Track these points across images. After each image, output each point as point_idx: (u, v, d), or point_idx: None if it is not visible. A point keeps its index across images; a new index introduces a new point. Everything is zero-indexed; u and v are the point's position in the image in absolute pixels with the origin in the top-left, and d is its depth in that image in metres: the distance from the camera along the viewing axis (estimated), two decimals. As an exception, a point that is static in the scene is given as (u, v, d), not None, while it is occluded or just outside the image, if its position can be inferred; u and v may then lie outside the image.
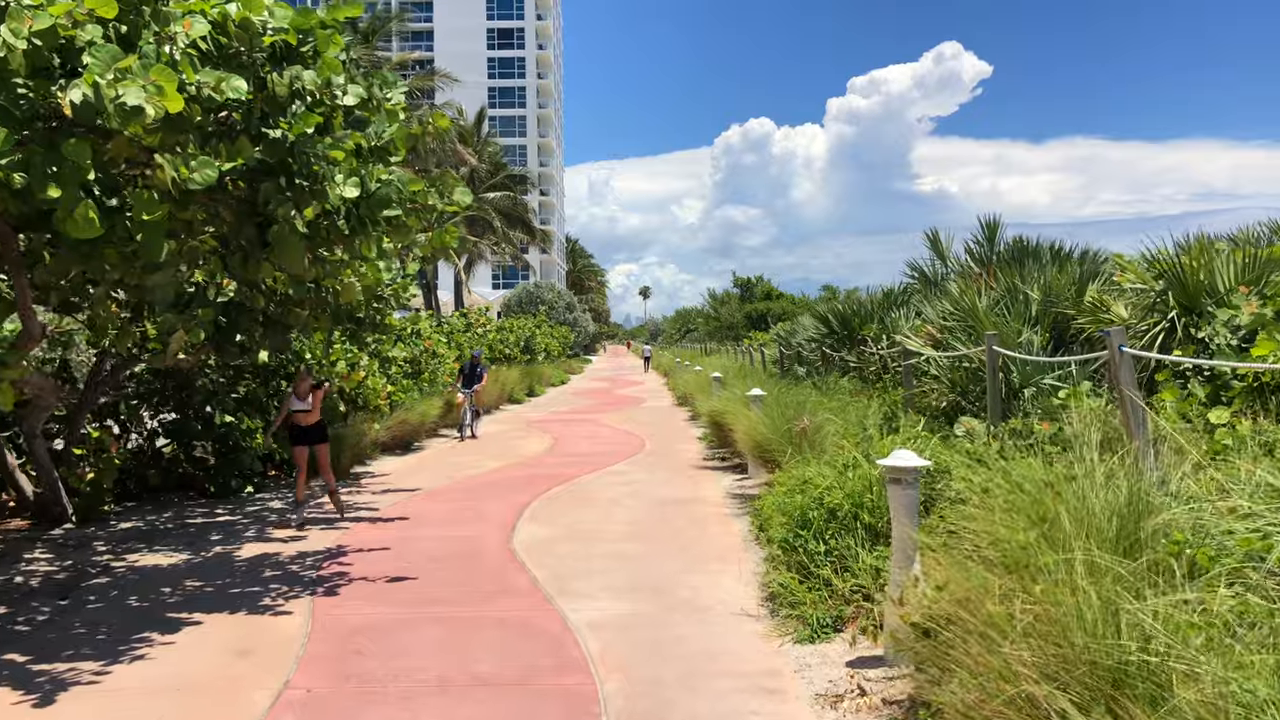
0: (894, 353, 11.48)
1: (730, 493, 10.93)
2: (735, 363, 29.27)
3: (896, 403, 9.87)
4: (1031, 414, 8.39)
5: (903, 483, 4.91)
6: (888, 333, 12.46)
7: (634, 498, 10.71)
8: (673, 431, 18.72)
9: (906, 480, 4.90)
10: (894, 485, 4.95)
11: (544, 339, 41.82)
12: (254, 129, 6.46)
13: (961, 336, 9.92)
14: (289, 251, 6.40)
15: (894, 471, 4.91)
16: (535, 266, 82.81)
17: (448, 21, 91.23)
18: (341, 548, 8.50)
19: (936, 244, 13.85)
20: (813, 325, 15.84)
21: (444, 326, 25.77)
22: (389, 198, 7.06)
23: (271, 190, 6.42)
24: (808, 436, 8.55)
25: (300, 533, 9.30)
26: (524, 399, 29.28)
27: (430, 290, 48.75)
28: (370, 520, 9.83)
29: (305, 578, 7.42)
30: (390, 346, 16.81)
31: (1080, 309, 9.31)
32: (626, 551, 7.98)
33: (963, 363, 9.76)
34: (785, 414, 9.98)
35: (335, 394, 14.35)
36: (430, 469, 14.00)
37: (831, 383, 12.99)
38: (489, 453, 15.64)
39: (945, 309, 10.49)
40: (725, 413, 12.73)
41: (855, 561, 5.87)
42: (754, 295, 67.92)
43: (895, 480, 4.93)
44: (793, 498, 6.78)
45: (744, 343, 41.67)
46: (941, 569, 3.96)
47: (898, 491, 4.93)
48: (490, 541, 8.50)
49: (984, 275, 10.48)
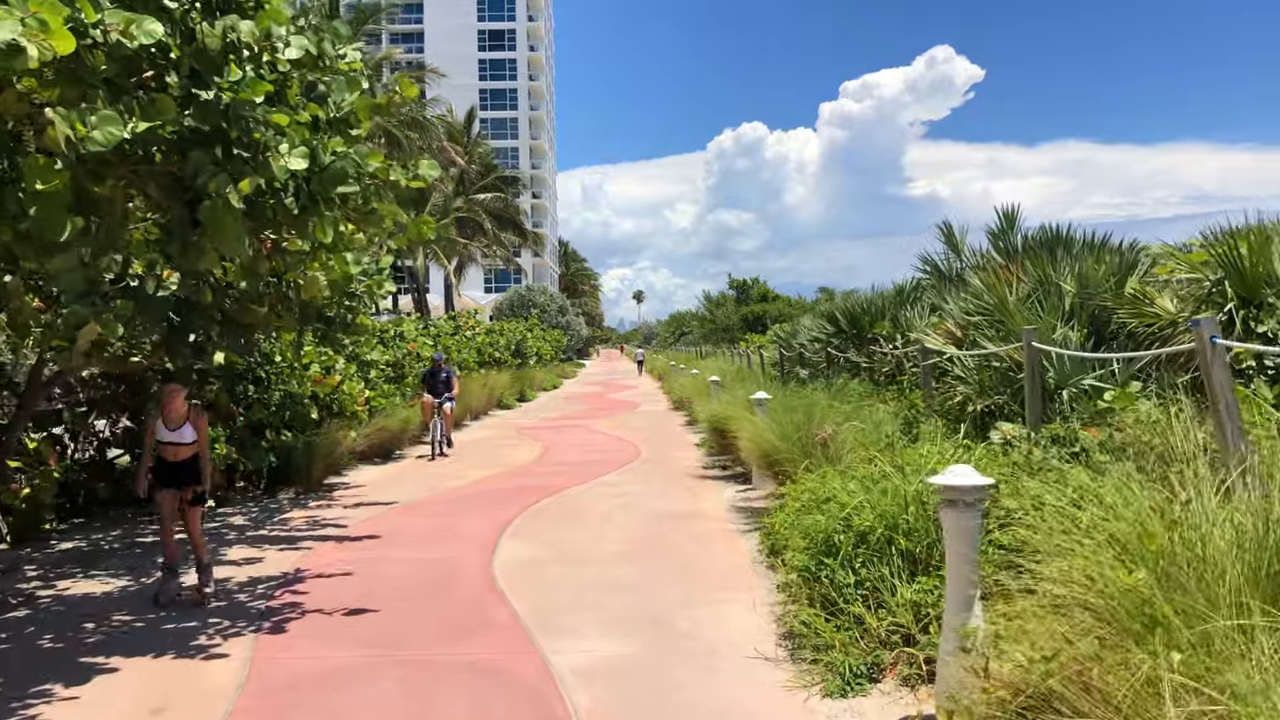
0: (912, 352, 10.58)
1: (734, 505, 10.00)
2: (732, 366, 28.37)
3: (916, 407, 8.96)
4: (1071, 418, 7.50)
5: (960, 505, 3.99)
6: (902, 331, 11.56)
7: (628, 511, 9.78)
8: (669, 437, 17.79)
9: (966, 502, 3.98)
10: (950, 509, 4.03)
11: (535, 342, 40.84)
12: (183, 88, 5.53)
13: (989, 333, 9.02)
14: (223, 232, 5.45)
15: (951, 492, 3.99)
16: (528, 270, 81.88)
17: (438, 23, 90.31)
18: (299, 572, 7.55)
19: (951, 237, 12.96)
20: (818, 325, 14.93)
21: (430, 329, 24.80)
22: (344, 172, 6.12)
23: (202, 160, 5.48)
24: (827, 447, 7.62)
25: (257, 552, 8.35)
26: (514, 404, 28.32)
27: (421, 293, 47.78)
28: (336, 539, 8.88)
29: (252, 609, 6.47)
30: (369, 349, 15.85)
31: (1121, 302, 8.42)
32: (620, 577, 7.04)
33: (990, 362, 8.86)
34: (794, 419, 9.06)
35: (309, 399, 13.40)
36: (410, 480, 13.05)
37: (840, 385, 12.08)
38: (474, 462, 14.69)
39: (969, 304, 9.59)
40: (727, 418, 11.81)
41: (891, 595, 4.95)
42: (750, 297, 66.93)
43: (951, 502, 4.01)
44: (812, 516, 5.86)
45: (740, 345, 40.77)
46: (1031, 625, 3.03)
47: (954, 517, 4.01)
48: (467, 565, 7.56)
49: (1009, 267, 9.57)
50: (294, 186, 6.11)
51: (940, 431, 8.63)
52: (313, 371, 13.60)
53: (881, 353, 11.73)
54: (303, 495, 11.87)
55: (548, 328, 52.29)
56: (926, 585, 4.86)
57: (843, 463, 8.21)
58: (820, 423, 8.72)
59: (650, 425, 20.77)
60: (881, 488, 5.63)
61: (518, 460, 14.75)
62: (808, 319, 21.25)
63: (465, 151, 46.60)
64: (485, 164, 52.30)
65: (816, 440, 7.53)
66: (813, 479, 7.35)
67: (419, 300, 46.55)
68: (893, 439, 8.44)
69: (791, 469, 8.21)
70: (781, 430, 8.71)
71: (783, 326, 24.59)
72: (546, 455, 15.31)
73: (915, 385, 10.22)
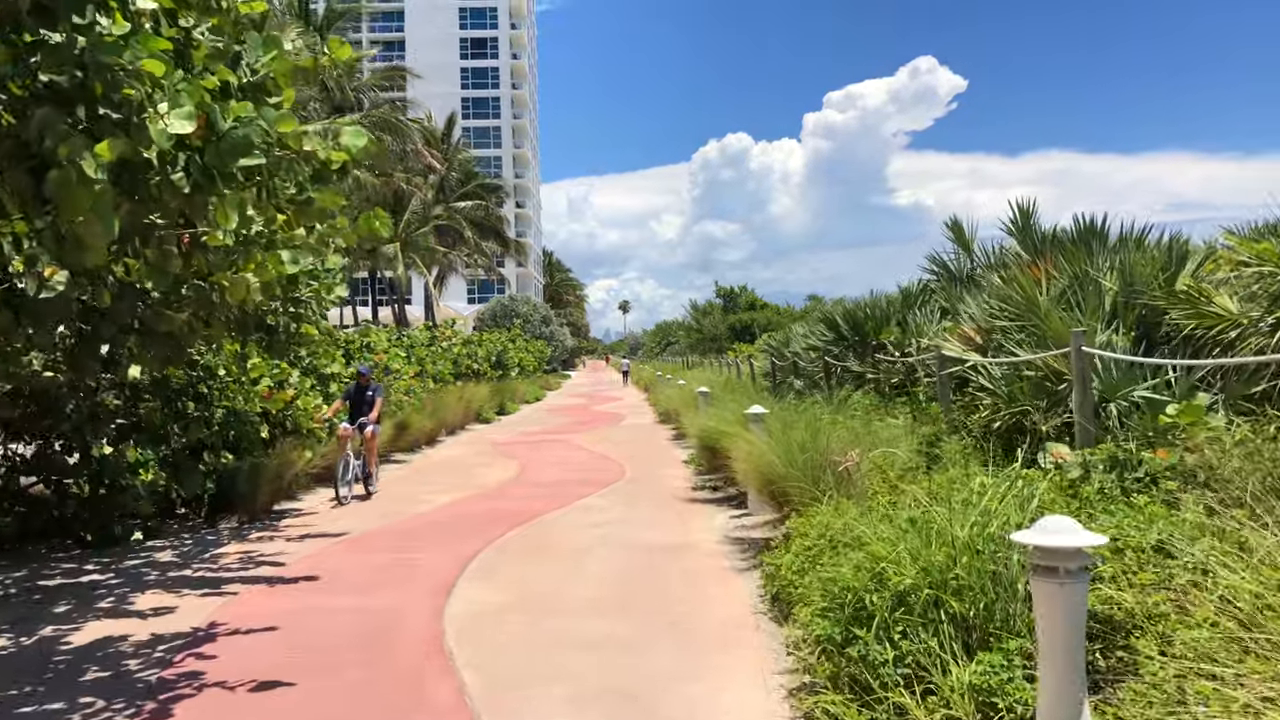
0: (927, 359, 9.45)
1: (728, 535, 8.82)
2: (720, 376, 27.22)
3: (937, 422, 7.81)
4: (1125, 436, 6.38)
5: (1061, 573, 2.83)
6: (911, 337, 10.43)
7: (609, 543, 8.58)
8: (655, 453, 16.60)
9: (1069, 569, 2.82)
10: (1046, 579, 2.87)
11: (518, 353, 39.59)
12: (30, 28, 4.34)
13: (1018, 338, 7.90)
14: (75, 207, 4.25)
15: (1048, 556, 2.83)
16: (511, 280, 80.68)
17: (419, 31, 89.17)
18: (214, 627, 6.32)
19: (960, 233, 11.86)
20: (816, 331, 13.78)
21: (403, 340, 23.55)
22: (246, 141, 4.93)
23: (49, 119, 4.28)
24: (849, 476, 6.42)
25: (172, 599, 7.11)
26: (493, 418, 27.07)
27: (401, 304, 46.49)
28: (269, 581, 7.64)
29: (140, 682, 5.24)
30: (329, 361, 14.60)
31: (1173, 301, 7.31)
32: (597, 632, 5.84)
33: (1020, 371, 7.73)
34: (796, 438, 7.87)
35: (257, 416, 12.16)
36: (370, 503, 11.82)
37: (842, 397, 10.94)
38: (442, 483, 13.47)
39: (991, 306, 8.47)
40: (719, 434, 10.65)
41: (943, 676, 3.78)
42: (737, 306, 65.73)
43: (1049, 570, 2.85)
44: (833, 567, 4.69)
45: (729, 355, 39.67)
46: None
47: (1052, 590, 2.85)
48: (414, 617, 6.34)
49: (1037, 264, 8.46)
50: (184, 158, 4.93)
51: (965, 451, 7.50)
52: (261, 386, 12.36)
53: (889, 361, 10.60)
54: (246, 524, 10.63)
55: (531, 338, 51.04)
56: (992, 664, 3.70)
57: (856, 488, 7.07)
58: (827, 441, 7.56)
59: (636, 440, 19.58)
60: (921, 530, 4.46)
61: (490, 481, 13.52)
62: (801, 326, 20.12)
63: (445, 158, 45.39)
64: (466, 171, 51.15)
65: (839, 469, 6.31)
66: (825, 512, 6.19)
67: (399, 311, 45.24)
68: (918, 464, 7.30)
69: (796, 496, 7.05)
70: (784, 451, 7.54)
71: (774, 335, 23.47)
72: (523, 475, 14.09)
73: (931, 397, 9.09)
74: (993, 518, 4.40)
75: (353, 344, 17.83)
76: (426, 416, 19.25)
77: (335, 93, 26.40)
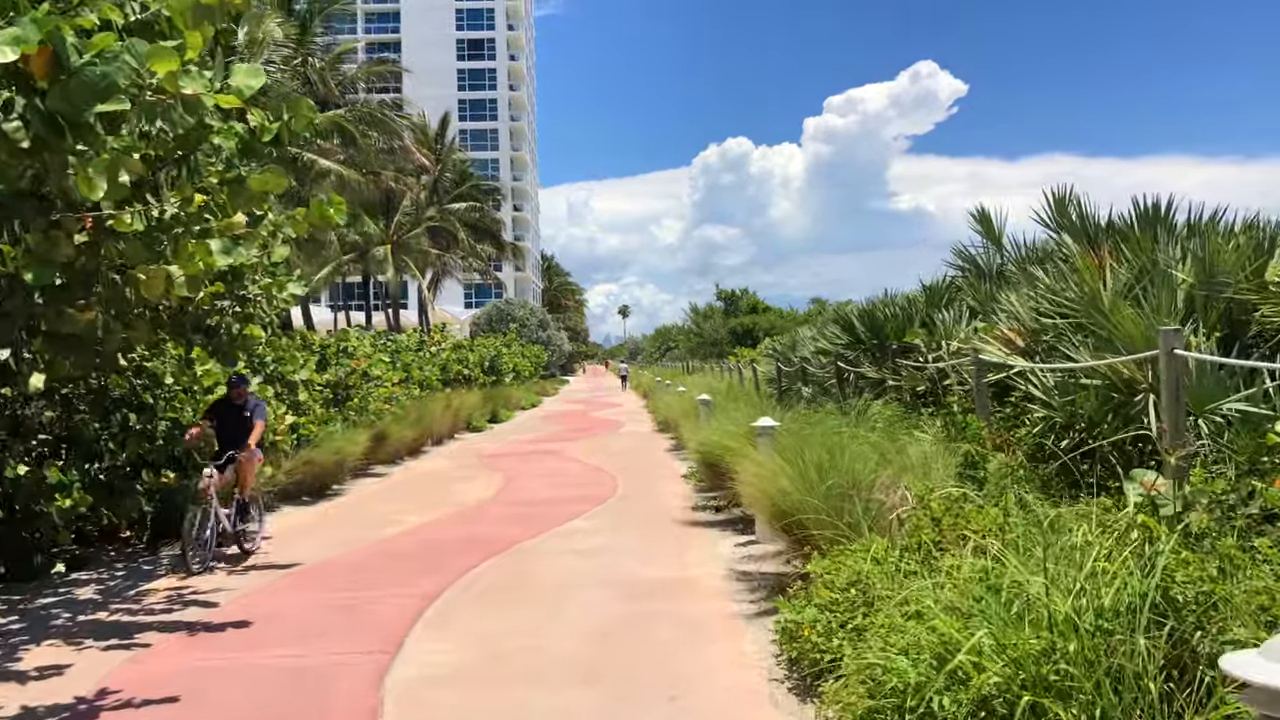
0: (963, 364, 8.27)
1: (734, 568, 7.64)
2: (722, 382, 26.05)
3: (980, 441, 6.62)
4: (1222, 458, 5.20)
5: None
6: (939, 339, 9.24)
7: (595, 581, 7.39)
8: (652, 466, 15.41)
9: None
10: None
11: (512, 358, 38.39)
12: None
13: (1075, 339, 6.71)
14: None
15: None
16: (509, 284, 79.57)
17: (415, 32, 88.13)
18: (102, 696, 5.13)
19: (988, 225, 10.68)
20: (825, 334, 12.58)
21: (388, 344, 22.37)
22: (107, 81, 3.76)
23: None
24: (900, 525, 5.15)
25: (70, 653, 5.93)
26: (485, 426, 25.89)
27: (395, 308, 45.33)
28: (191, 628, 6.46)
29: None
30: (296, 367, 13.42)
31: (1266, 295, 6.15)
32: (573, 711, 4.65)
33: (1078, 378, 6.55)
34: (812, 457, 6.66)
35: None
36: (334, 526, 10.63)
37: (859, 408, 9.76)
38: (417, 501, 12.28)
39: (1040, 302, 7.29)
40: (721, 449, 9.46)
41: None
42: (739, 309, 64.36)
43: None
44: (875, 632, 3.51)
45: (729, 360, 38.50)
46: None
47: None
48: (349, 681, 5.15)
49: (1091, 254, 7.28)
50: (21, 102, 3.76)
51: (1015, 475, 6.32)
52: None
53: (914, 366, 9.42)
54: (191, 551, 9.43)
55: (527, 343, 49.87)
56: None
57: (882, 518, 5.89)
58: (850, 463, 6.37)
59: (632, 450, 18.39)
60: (1005, 599, 3.27)
61: (470, 498, 12.33)
62: (807, 329, 18.98)
63: (438, 159, 44.25)
64: (461, 172, 50.06)
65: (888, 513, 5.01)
66: (855, 554, 5.02)
67: (394, 316, 44.05)
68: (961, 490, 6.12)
69: (817, 530, 5.86)
70: (800, 474, 6.34)
71: (779, 338, 22.31)
72: (506, 491, 12.90)
73: (967, 409, 7.91)
74: (1102, 582, 3.23)
75: (329, 348, 16.64)
76: (409, 426, 18.07)
77: (318, 86, 25.26)
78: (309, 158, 23.07)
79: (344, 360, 16.89)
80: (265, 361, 13.00)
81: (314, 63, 25.57)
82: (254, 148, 6.51)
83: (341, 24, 71.62)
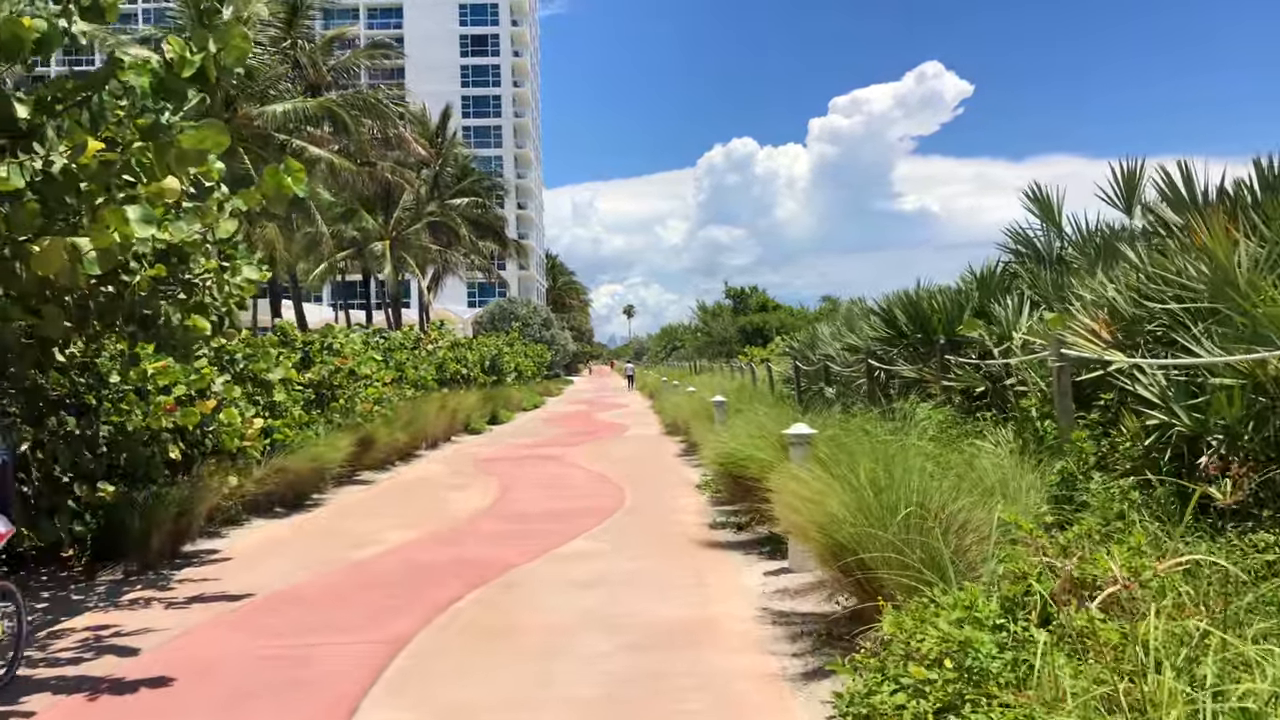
0: (1028, 362, 6.96)
1: (767, 606, 6.34)
2: (732, 382, 24.78)
3: (1080, 455, 5.32)
4: None
5: None
6: (1002, 331, 7.93)
7: (598, 622, 6.10)
8: (661, 474, 14.12)
9: None
10: None
11: (514, 358, 37.11)
12: None
13: (1198, 329, 5.41)
14: None
15: None
16: (512, 283, 78.41)
17: (418, 27, 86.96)
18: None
19: (1045, 206, 9.38)
20: (857, 329, 11.26)
21: (381, 341, 21.11)
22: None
23: None
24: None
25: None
26: (484, 428, 24.63)
27: (397, 306, 44.07)
28: (93, 686, 5.19)
29: None
30: (270, 365, 12.14)
31: None
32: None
33: (1196, 376, 5.26)
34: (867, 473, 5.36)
35: (168, 433, 9.73)
36: (306, 543, 9.38)
37: (906, 411, 8.46)
38: (401, 514, 11.02)
39: (1148, 284, 5.99)
40: (746, 460, 8.18)
41: None
42: (748, 307, 62.77)
43: None
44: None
45: (739, 359, 37.19)
46: None
47: None
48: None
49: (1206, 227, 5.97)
50: None
51: (1126, 496, 5.03)
52: (178, 392, 9.90)
53: (970, 364, 8.10)
54: (135, 575, 8.22)
55: (530, 342, 48.62)
56: None
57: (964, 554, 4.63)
58: (917, 482, 5.08)
59: (639, 456, 17.10)
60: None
61: (461, 510, 11.06)
62: (826, 326, 17.70)
63: (439, 152, 42.99)
64: (462, 167, 48.78)
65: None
66: (949, 612, 3.74)
67: (394, 315, 42.77)
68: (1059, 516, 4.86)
69: (884, 572, 4.57)
70: (855, 496, 5.04)
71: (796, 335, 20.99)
72: (501, 503, 11.62)
73: (1046, 415, 6.60)
74: None
75: (312, 345, 15.37)
76: (400, 428, 16.81)
77: (309, 70, 24.00)
78: (298, 144, 21.84)
79: (329, 358, 15.63)
80: (235, 358, 11.76)
81: (303, 45, 24.31)
82: (171, 85, 5.25)
83: (343, 19, 70.54)
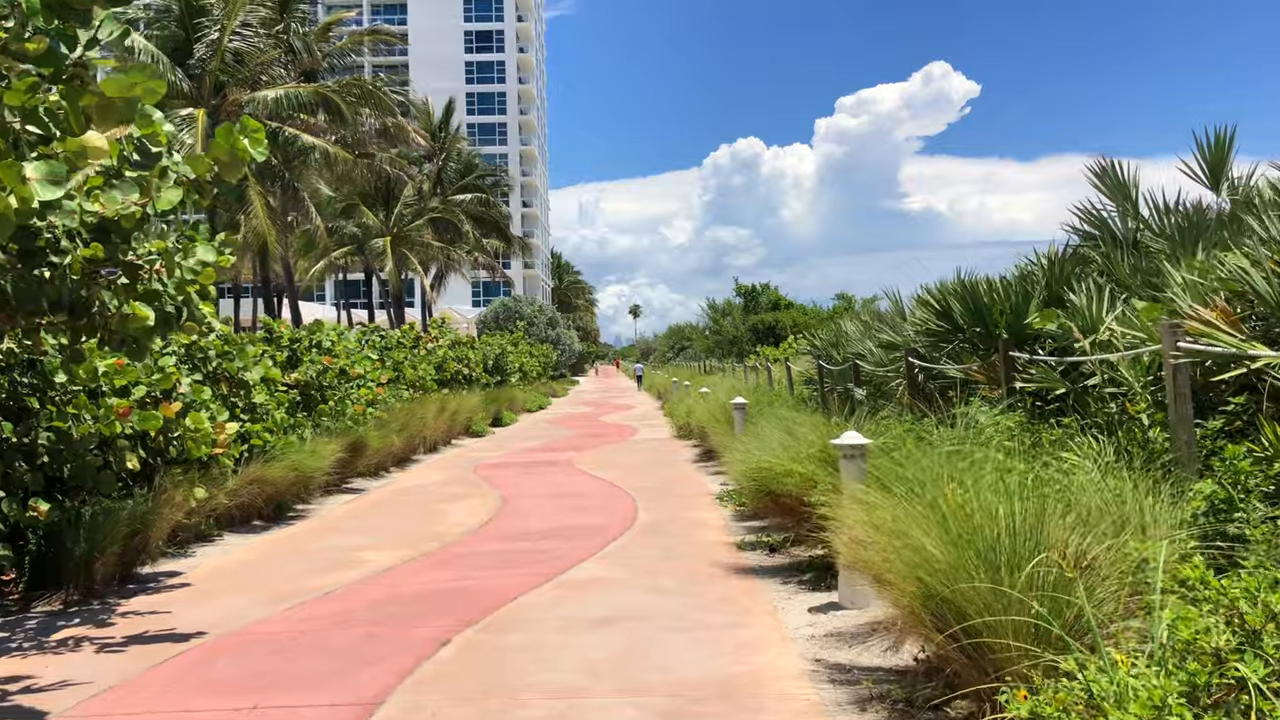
0: (1125, 356, 5.80)
1: (820, 657, 5.19)
2: (745, 383, 23.66)
3: (1237, 473, 4.17)
4: None
5: None
6: (1086, 323, 6.75)
7: (612, 678, 4.95)
8: (676, 483, 12.98)
9: None
10: None
11: (518, 358, 35.99)
12: None
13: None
14: None
15: None
16: (517, 282, 77.33)
17: (422, 23, 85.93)
18: None
19: (1120, 185, 8.23)
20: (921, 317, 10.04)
21: (377, 340, 20.01)
22: None
23: None
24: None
25: None
26: (486, 430, 23.50)
27: (399, 304, 43.00)
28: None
29: None
30: (249, 363, 11.03)
31: None
32: None
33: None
34: (980, 505, 4.22)
35: (125, 439, 8.62)
36: (276, 566, 8.26)
37: (967, 418, 7.29)
38: (390, 530, 9.90)
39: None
40: (784, 475, 7.03)
41: None
42: (759, 305, 61.36)
43: None
44: None
45: (749, 359, 36.02)
46: None
47: None
48: None
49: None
50: None
51: None
52: (138, 393, 8.78)
53: (1045, 362, 6.93)
54: (76, 605, 7.11)
55: (535, 341, 47.51)
56: None
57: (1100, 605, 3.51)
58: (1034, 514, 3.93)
59: (650, 462, 15.95)
60: None
61: (455, 527, 9.93)
62: (851, 322, 16.52)
63: (441, 146, 41.91)
64: (466, 163, 47.75)
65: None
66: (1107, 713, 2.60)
67: (396, 313, 41.69)
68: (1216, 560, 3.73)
69: (1005, 641, 3.42)
70: (952, 532, 3.89)
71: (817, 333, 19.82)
72: (501, 517, 10.49)
73: (1158, 422, 5.44)
74: None
75: (299, 342, 14.26)
76: (395, 432, 15.69)
77: (303, 55, 22.89)
78: (291, 132, 20.76)
79: (318, 356, 14.51)
80: (208, 356, 10.65)
81: (298, 29, 23.17)
82: (67, 1, 4.13)
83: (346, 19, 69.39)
